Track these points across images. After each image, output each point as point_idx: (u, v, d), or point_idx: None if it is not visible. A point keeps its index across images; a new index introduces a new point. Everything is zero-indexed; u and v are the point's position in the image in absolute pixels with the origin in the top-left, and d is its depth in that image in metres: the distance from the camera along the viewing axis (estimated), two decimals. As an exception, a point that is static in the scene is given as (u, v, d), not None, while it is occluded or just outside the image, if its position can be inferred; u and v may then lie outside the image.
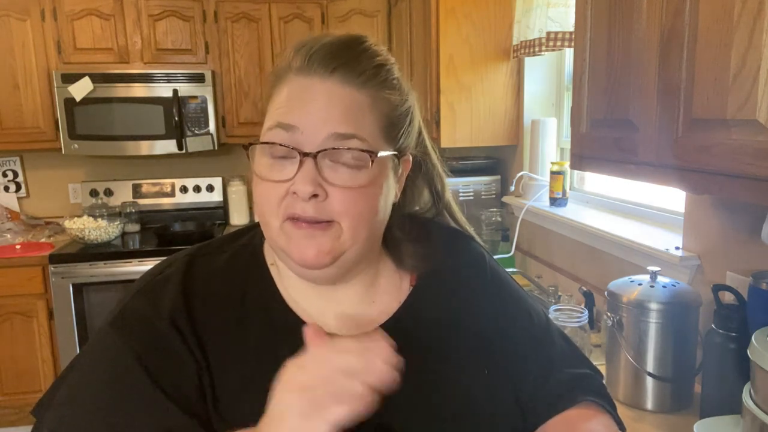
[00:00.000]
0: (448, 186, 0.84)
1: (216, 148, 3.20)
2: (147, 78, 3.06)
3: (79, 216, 3.16)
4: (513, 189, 2.42)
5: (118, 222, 3.14)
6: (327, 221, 0.65)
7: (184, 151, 3.12)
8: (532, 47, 2.10)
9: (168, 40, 3.12)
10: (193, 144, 3.14)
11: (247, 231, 0.78)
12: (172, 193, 3.48)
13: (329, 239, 0.66)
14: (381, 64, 0.69)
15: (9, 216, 3.37)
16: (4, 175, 3.37)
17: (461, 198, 2.51)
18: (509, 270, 1.26)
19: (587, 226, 1.85)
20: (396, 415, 0.68)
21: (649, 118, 1.00)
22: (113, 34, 3.06)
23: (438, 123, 2.36)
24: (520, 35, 2.21)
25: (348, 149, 0.64)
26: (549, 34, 1.97)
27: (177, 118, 3.05)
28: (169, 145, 3.12)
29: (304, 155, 0.63)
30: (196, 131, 3.13)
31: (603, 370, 1.27)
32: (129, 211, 3.29)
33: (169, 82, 3.07)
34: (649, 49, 0.99)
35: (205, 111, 3.13)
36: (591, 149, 1.22)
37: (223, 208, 3.53)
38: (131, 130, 3.09)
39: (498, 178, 2.57)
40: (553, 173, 2.12)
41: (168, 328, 0.65)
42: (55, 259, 2.82)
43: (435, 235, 0.81)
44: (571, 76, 1.29)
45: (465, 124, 2.36)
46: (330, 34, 0.70)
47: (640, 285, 1.27)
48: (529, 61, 2.34)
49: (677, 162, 0.93)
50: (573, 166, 1.31)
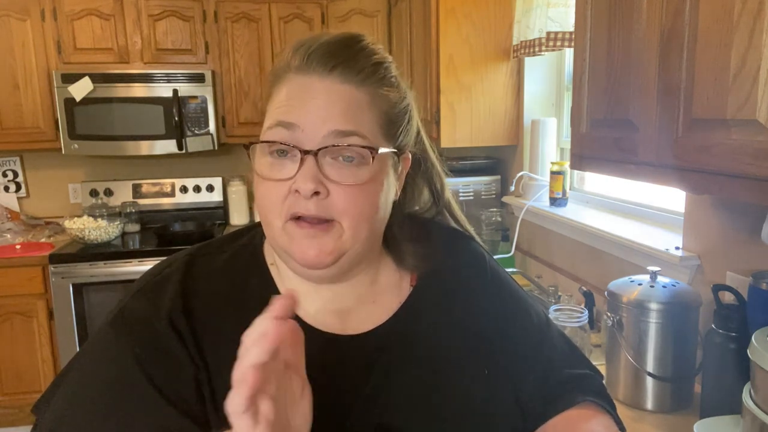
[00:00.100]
0: (447, 185, 0.84)
1: (216, 148, 3.20)
2: (147, 78, 3.06)
3: (79, 216, 3.16)
4: (513, 189, 2.42)
5: (118, 222, 3.14)
6: (328, 221, 0.65)
7: (184, 151, 3.12)
8: (532, 47, 2.10)
9: (168, 40, 3.12)
10: (193, 144, 3.14)
11: (247, 231, 0.78)
12: (172, 193, 3.48)
13: (331, 239, 0.66)
14: (379, 61, 0.69)
15: (9, 216, 3.37)
16: (4, 175, 3.37)
17: (461, 198, 2.51)
18: (509, 270, 1.26)
19: (587, 226, 1.85)
20: (396, 415, 0.68)
21: (649, 118, 1.00)
22: (113, 34, 3.06)
23: (438, 123, 2.35)
24: (520, 35, 2.21)
25: (348, 146, 0.64)
26: (549, 34, 1.97)
27: (177, 118, 3.05)
28: (169, 145, 3.12)
29: (305, 153, 0.63)
30: (196, 131, 3.13)
31: (603, 370, 1.28)
32: (129, 211, 3.29)
33: (169, 82, 3.07)
34: (649, 49, 0.99)
35: (205, 111, 3.13)
36: (591, 149, 1.22)
37: (223, 208, 3.53)
38: (131, 130, 3.09)
39: (498, 178, 2.57)
40: (553, 173, 2.12)
41: (166, 328, 0.65)
42: (55, 259, 2.82)
43: (435, 234, 0.81)
44: (571, 76, 1.29)
45: (465, 124, 2.36)
46: (328, 33, 0.70)
47: (640, 285, 1.27)
48: (529, 61, 2.34)
49: (677, 162, 0.93)
50: (573, 166, 1.31)
